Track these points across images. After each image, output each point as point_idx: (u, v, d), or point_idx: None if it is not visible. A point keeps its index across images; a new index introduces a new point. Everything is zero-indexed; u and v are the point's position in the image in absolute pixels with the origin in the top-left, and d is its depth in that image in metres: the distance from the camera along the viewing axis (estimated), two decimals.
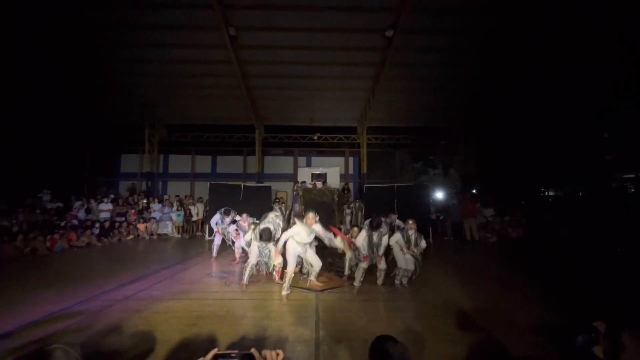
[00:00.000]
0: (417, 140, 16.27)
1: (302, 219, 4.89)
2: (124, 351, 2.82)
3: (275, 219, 5.18)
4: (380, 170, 16.60)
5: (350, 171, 16.39)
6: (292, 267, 4.55)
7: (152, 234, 10.75)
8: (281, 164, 16.40)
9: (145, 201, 12.17)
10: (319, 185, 12.32)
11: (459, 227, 10.51)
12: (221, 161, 16.31)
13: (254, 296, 4.50)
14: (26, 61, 9.68)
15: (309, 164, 16.28)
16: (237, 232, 6.65)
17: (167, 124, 14.68)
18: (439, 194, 15.00)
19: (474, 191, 14.63)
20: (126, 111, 13.30)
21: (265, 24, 8.77)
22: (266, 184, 12.23)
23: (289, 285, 4.45)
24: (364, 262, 4.80)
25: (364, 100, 12.67)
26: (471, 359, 2.78)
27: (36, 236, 7.84)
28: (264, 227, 4.84)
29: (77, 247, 8.49)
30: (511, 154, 14.73)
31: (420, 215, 9.02)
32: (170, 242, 10.08)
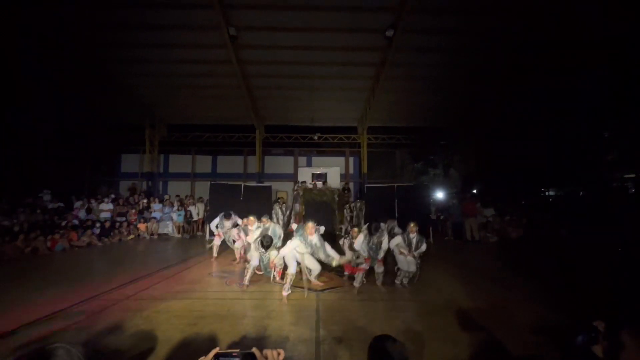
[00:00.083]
0: (417, 140, 16.26)
1: (301, 223, 4.95)
2: (125, 350, 2.83)
3: (275, 229, 5.28)
4: (380, 170, 16.61)
5: (350, 171, 16.40)
6: (293, 268, 4.56)
7: (152, 234, 10.76)
8: (281, 163, 16.42)
9: (145, 201, 12.18)
10: (320, 185, 12.33)
11: (460, 226, 10.52)
12: (221, 161, 16.33)
13: (254, 296, 4.51)
14: (26, 61, 9.67)
15: (309, 164, 16.29)
16: (239, 234, 6.56)
17: (167, 124, 14.69)
18: (440, 194, 15.01)
19: (475, 191, 14.64)
20: (126, 111, 13.32)
21: (265, 23, 8.77)
22: (266, 184, 12.23)
23: (290, 285, 4.46)
24: (365, 264, 4.80)
25: (364, 100, 12.66)
26: (471, 358, 2.79)
27: (37, 236, 7.84)
28: (266, 235, 4.95)
29: (77, 247, 8.50)
30: (511, 153, 14.72)
31: (420, 215, 9.02)
32: (170, 242, 10.09)
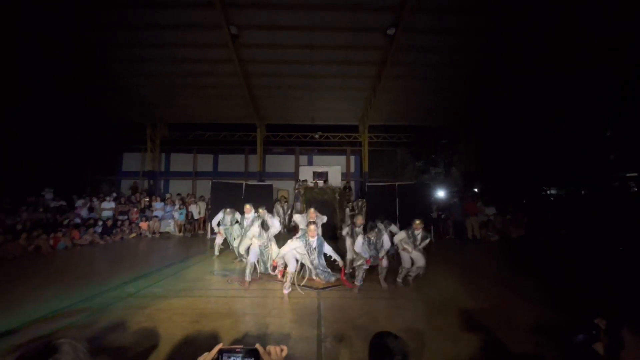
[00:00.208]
0: (418, 139, 16.22)
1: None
2: (128, 347, 2.85)
3: (273, 221, 5.40)
4: (381, 168, 16.58)
5: (351, 170, 16.40)
6: (293, 267, 4.56)
7: (154, 232, 10.79)
8: (283, 162, 16.41)
9: (147, 200, 12.22)
10: (321, 183, 12.34)
11: (461, 225, 10.51)
12: (223, 160, 16.34)
13: (255, 294, 4.53)
14: (27, 61, 9.69)
15: (310, 163, 16.29)
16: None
17: (168, 122, 14.72)
18: (441, 193, 14.98)
19: (476, 190, 14.62)
20: (128, 110, 13.33)
21: (266, 22, 8.78)
22: (268, 183, 12.24)
23: (291, 283, 4.47)
24: (366, 265, 4.81)
25: (365, 99, 12.65)
26: (471, 357, 2.80)
27: (39, 234, 7.87)
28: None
29: (80, 245, 8.54)
30: (512, 153, 14.69)
31: (421, 214, 9.00)
32: (172, 240, 10.12)
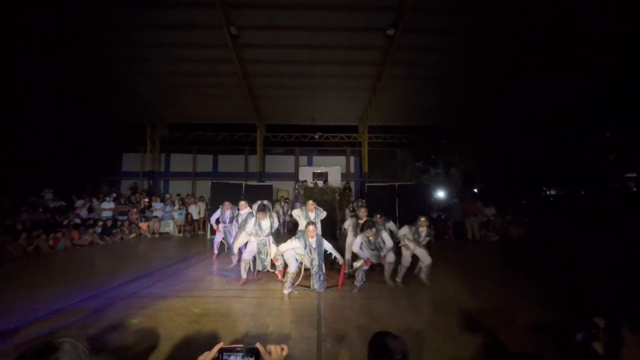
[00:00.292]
0: (418, 139, 16.22)
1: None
2: (128, 347, 2.84)
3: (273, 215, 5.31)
4: (381, 169, 16.59)
5: (351, 170, 16.39)
6: (294, 267, 4.55)
7: (154, 233, 10.79)
8: (282, 163, 16.41)
9: (147, 200, 12.21)
10: (320, 184, 12.34)
11: (461, 226, 10.51)
12: (223, 160, 16.34)
13: (255, 294, 4.53)
14: (27, 61, 9.69)
15: (310, 163, 16.29)
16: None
17: (168, 123, 14.71)
18: (440, 193, 15.00)
19: (475, 190, 14.62)
20: (128, 110, 13.34)
21: (266, 23, 8.78)
22: (267, 183, 12.24)
23: (291, 284, 4.47)
24: (366, 265, 4.81)
25: (365, 99, 12.66)
26: (472, 357, 2.80)
27: (39, 235, 7.86)
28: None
29: (79, 245, 8.53)
30: (512, 153, 14.70)
31: (422, 214, 9.01)
32: (172, 240, 10.12)
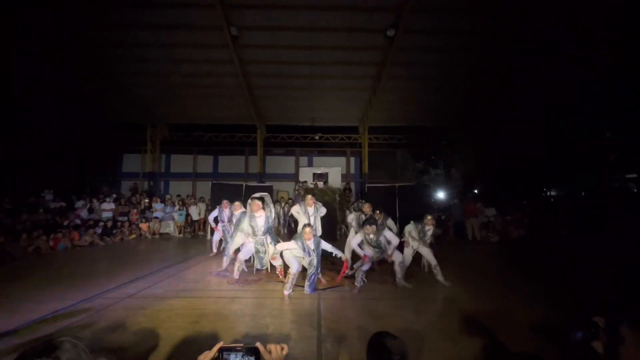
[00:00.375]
0: (418, 139, 16.24)
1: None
2: (128, 348, 2.84)
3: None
4: (381, 170, 16.58)
5: (351, 171, 16.40)
6: (296, 268, 4.52)
7: (154, 234, 10.79)
8: (283, 163, 16.42)
9: (147, 201, 12.21)
10: (321, 185, 12.35)
11: (461, 226, 10.52)
12: (223, 161, 16.35)
13: (256, 294, 4.52)
14: (27, 61, 9.70)
15: (310, 164, 16.29)
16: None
17: (168, 123, 14.74)
18: (441, 194, 15.00)
19: (476, 191, 14.63)
20: (128, 111, 13.36)
21: (266, 23, 8.80)
22: (268, 184, 12.25)
23: (292, 284, 4.46)
24: (365, 265, 4.79)
25: (366, 100, 12.67)
26: (472, 357, 2.79)
27: (39, 235, 7.87)
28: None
29: (79, 246, 8.53)
30: (512, 153, 14.70)
31: (421, 214, 9.01)
32: (172, 241, 10.12)
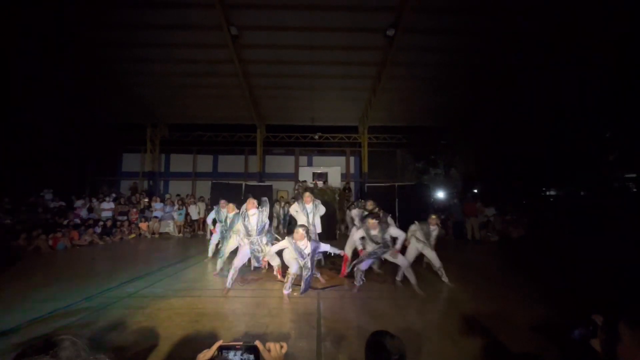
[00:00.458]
0: (418, 139, 16.24)
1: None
2: (128, 347, 2.84)
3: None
4: (381, 169, 16.58)
5: (351, 170, 16.40)
6: (295, 268, 4.50)
7: (153, 233, 10.78)
8: (282, 163, 16.42)
9: (146, 200, 12.21)
10: (320, 184, 12.35)
11: (461, 226, 10.52)
12: (223, 160, 16.34)
13: (255, 294, 4.53)
14: (27, 61, 9.69)
15: (310, 164, 16.29)
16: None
17: (168, 123, 14.72)
18: (440, 194, 15.01)
19: (475, 190, 14.64)
20: (128, 111, 13.33)
21: (266, 23, 8.79)
22: (267, 183, 12.26)
23: (291, 284, 4.46)
24: (364, 264, 4.79)
25: (365, 99, 12.66)
26: (472, 357, 2.80)
27: (39, 235, 7.87)
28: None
29: (79, 245, 8.53)
30: (512, 153, 14.71)
31: (421, 214, 9.02)
32: (171, 240, 10.11)
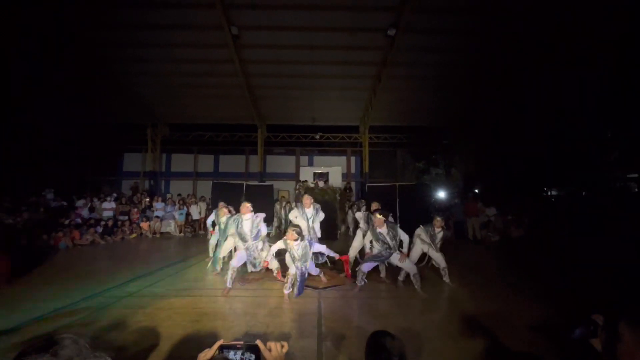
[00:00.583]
0: (419, 139, 16.22)
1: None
2: (129, 346, 2.85)
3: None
4: (382, 169, 16.60)
5: (352, 170, 16.41)
6: (294, 268, 4.48)
7: (154, 233, 10.79)
8: (283, 163, 16.44)
9: (148, 200, 12.22)
10: (321, 184, 12.34)
11: (461, 226, 10.50)
12: (223, 160, 16.37)
13: (256, 293, 4.53)
14: (28, 61, 9.71)
15: (311, 163, 16.31)
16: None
17: (169, 123, 14.73)
18: (441, 193, 14.99)
19: (476, 190, 14.61)
20: (129, 110, 13.34)
21: (267, 23, 8.79)
22: (268, 183, 12.27)
23: (291, 284, 4.45)
24: (366, 267, 4.78)
25: (366, 99, 12.66)
26: (472, 357, 2.80)
27: (40, 234, 7.89)
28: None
29: (80, 245, 8.54)
30: (513, 153, 14.68)
31: (422, 214, 9.02)
32: (172, 240, 10.13)
